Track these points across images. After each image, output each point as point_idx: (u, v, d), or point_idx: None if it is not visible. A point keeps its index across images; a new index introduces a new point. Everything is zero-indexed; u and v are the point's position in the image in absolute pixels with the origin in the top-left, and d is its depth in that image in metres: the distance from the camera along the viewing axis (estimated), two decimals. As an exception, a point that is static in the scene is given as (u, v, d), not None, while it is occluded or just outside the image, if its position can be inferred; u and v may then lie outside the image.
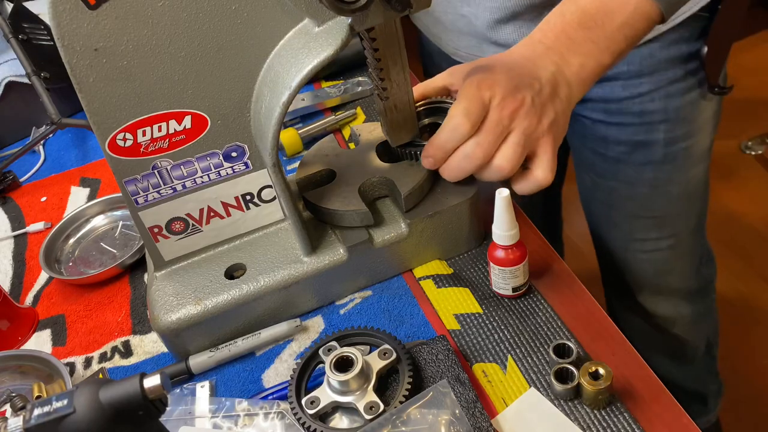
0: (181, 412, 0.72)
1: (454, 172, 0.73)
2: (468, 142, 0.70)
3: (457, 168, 0.72)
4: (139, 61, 0.65)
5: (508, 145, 0.70)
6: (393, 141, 0.80)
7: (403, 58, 0.72)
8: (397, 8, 0.62)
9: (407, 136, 0.80)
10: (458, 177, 0.74)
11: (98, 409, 0.50)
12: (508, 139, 0.70)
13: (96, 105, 0.66)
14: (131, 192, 0.73)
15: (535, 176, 0.72)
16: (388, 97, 0.75)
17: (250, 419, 0.71)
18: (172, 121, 0.69)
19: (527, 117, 0.70)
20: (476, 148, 0.70)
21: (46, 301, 0.93)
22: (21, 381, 0.80)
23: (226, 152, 0.73)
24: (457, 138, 0.70)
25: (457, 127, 0.69)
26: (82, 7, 0.61)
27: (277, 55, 0.67)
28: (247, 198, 0.78)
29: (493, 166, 0.71)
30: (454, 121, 0.69)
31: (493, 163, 0.71)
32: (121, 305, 0.89)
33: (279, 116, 0.66)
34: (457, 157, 0.72)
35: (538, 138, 0.71)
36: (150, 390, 0.51)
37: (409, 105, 0.77)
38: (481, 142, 0.69)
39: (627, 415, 0.65)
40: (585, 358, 0.70)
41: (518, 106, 0.69)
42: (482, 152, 0.70)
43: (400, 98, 0.76)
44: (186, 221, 0.77)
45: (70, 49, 0.63)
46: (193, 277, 0.79)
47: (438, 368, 0.70)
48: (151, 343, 0.83)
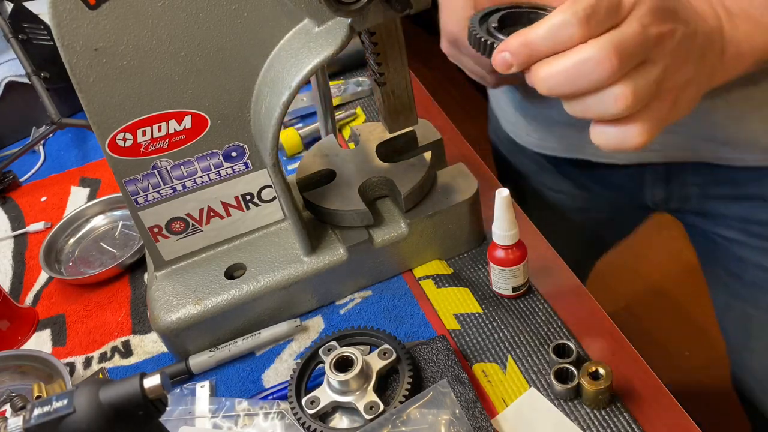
0: (181, 412, 0.72)
1: (548, 82, 0.49)
2: (586, 46, 0.47)
3: (556, 77, 0.49)
4: (139, 60, 0.65)
5: (643, 74, 0.49)
6: (390, 128, 0.80)
7: (403, 54, 0.72)
8: (397, 8, 0.62)
9: (405, 123, 0.80)
10: (552, 90, 0.50)
11: (98, 409, 0.50)
12: (645, 66, 0.49)
13: (96, 105, 0.66)
14: (131, 192, 0.73)
15: (630, 131, 0.51)
16: (386, 82, 0.75)
17: (250, 419, 0.71)
18: (172, 121, 0.69)
19: (674, 55, 0.50)
20: (600, 56, 0.47)
21: (46, 301, 0.93)
22: (21, 381, 0.80)
23: (226, 152, 0.73)
24: (558, 38, 0.48)
25: (562, 24, 0.47)
26: (82, 7, 0.61)
27: (277, 55, 0.67)
28: (247, 198, 0.78)
29: (610, 93, 0.48)
30: (559, 17, 0.47)
31: (613, 90, 0.48)
32: (121, 305, 0.89)
33: (279, 116, 0.66)
34: (563, 62, 0.48)
35: (669, 91, 0.51)
36: (150, 390, 0.51)
37: (407, 90, 0.77)
38: (608, 52, 0.47)
39: (627, 415, 0.65)
40: (585, 358, 0.70)
41: (668, 32, 0.50)
42: (608, 67, 0.47)
43: (398, 83, 0.76)
44: (186, 221, 0.77)
45: (70, 49, 0.63)
46: (193, 277, 0.79)
47: (438, 368, 0.70)
48: (151, 343, 0.83)
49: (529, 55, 0.49)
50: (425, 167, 0.80)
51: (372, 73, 0.75)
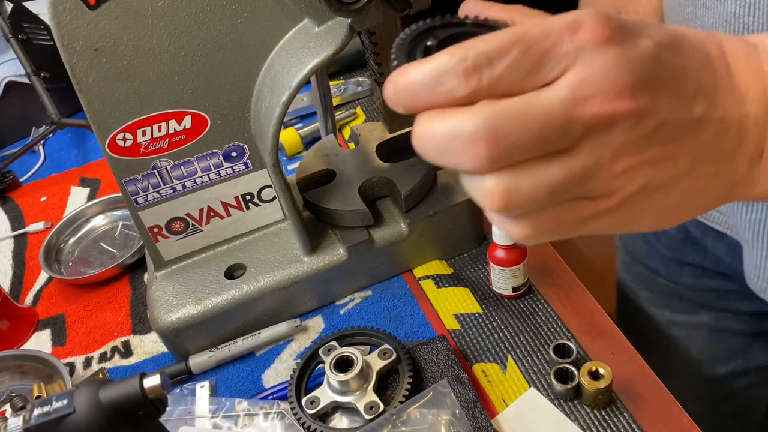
0: (181, 412, 0.72)
1: (418, 143, 0.34)
2: (460, 114, 0.32)
3: (425, 142, 0.33)
4: (139, 60, 0.65)
5: (541, 172, 0.33)
6: (390, 128, 0.80)
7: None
8: (397, 8, 0.62)
9: (405, 123, 0.80)
10: (424, 155, 0.34)
11: (98, 409, 0.50)
12: (554, 159, 0.33)
13: (96, 105, 0.66)
14: (131, 192, 0.73)
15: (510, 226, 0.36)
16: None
17: (250, 419, 0.71)
18: (172, 121, 0.69)
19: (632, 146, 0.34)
20: (470, 136, 0.32)
21: (45, 301, 0.93)
22: (21, 381, 0.80)
23: (226, 152, 0.73)
24: (438, 89, 0.32)
25: (443, 72, 0.32)
26: (82, 7, 0.61)
27: (277, 55, 0.67)
28: (247, 198, 0.78)
29: (480, 183, 0.34)
30: (443, 59, 0.32)
31: (484, 182, 0.33)
32: (121, 305, 0.89)
33: (279, 116, 0.66)
34: (433, 126, 0.33)
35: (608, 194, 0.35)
36: (150, 390, 0.51)
37: None
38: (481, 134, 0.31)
39: (627, 415, 0.65)
40: (585, 358, 0.70)
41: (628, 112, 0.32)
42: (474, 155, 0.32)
43: None
44: (186, 221, 0.77)
45: (70, 49, 0.63)
46: (193, 277, 0.79)
47: (438, 368, 0.70)
48: (150, 343, 0.83)
49: (410, 102, 0.34)
50: (425, 167, 0.80)
51: (372, 72, 0.75)
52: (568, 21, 0.32)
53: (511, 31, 0.32)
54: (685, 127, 0.35)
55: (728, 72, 0.37)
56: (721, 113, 0.36)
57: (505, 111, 0.31)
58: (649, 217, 0.37)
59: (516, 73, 0.31)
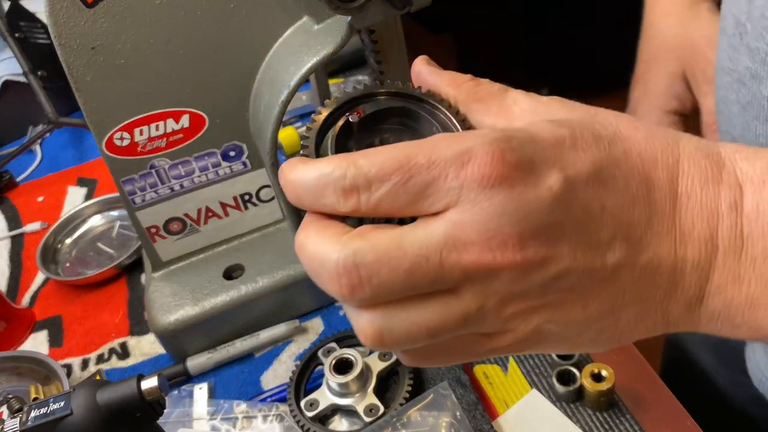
0: (179, 414, 0.72)
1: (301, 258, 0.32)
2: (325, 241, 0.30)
3: (302, 257, 0.32)
4: (136, 59, 0.64)
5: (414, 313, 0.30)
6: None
7: (403, 52, 0.72)
8: (397, 6, 0.61)
9: None
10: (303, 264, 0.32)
11: (95, 411, 0.49)
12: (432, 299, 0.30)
13: (93, 104, 0.66)
14: (128, 192, 0.72)
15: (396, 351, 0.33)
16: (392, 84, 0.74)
17: (249, 421, 0.70)
18: (170, 120, 0.69)
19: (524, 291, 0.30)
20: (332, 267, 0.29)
21: (42, 301, 0.92)
22: (18, 382, 0.80)
23: (225, 151, 0.73)
24: (320, 199, 0.31)
25: (324, 183, 0.30)
26: (80, 6, 0.60)
27: (276, 53, 0.67)
28: (245, 198, 0.77)
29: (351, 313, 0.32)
30: (325, 168, 0.30)
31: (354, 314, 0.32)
32: (119, 306, 0.89)
33: (278, 115, 0.66)
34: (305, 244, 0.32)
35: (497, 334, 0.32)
36: (147, 392, 0.50)
37: None
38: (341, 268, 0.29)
39: (629, 417, 0.64)
40: (587, 360, 0.70)
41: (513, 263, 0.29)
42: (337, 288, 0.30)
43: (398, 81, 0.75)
44: (184, 221, 0.77)
45: (67, 48, 0.62)
46: (191, 278, 0.78)
47: (438, 370, 0.69)
48: (148, 345, 0.83)
49: (296, 202, 0.32)
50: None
51: (372, 71, 0.75)
52: (458, 151, 0.29)
53: (395, 154, 0.29)
54: (594, 273, 0.30)
55: (672, 207, 0.31)
56: (649, 257, 0.31)
57: (373, 249, 0.29)
58: (564, 346, 0.34)
59: (395, 201, 0.29)
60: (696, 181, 0.32)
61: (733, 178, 0.32)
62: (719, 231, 0.31)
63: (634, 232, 0.31)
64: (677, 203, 0.31)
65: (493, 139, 0.29)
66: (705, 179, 0.32)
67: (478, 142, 0.29)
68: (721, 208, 0.31)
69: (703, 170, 0.32)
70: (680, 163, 0.32)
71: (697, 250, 0.31)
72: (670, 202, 0.31)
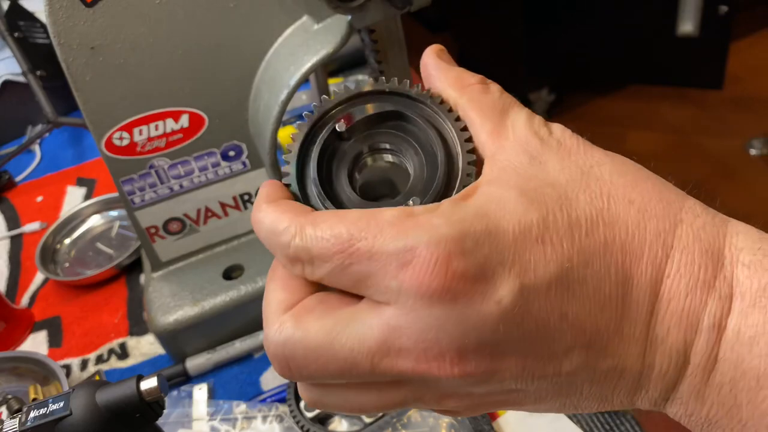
0: (178, 415, 0.72)
1: None
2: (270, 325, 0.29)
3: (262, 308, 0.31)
4: (135, 59, 0.64)
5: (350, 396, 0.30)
6: None
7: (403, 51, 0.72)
8: (397, 5, 0.61)
9: None
10: None
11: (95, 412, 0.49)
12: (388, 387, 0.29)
13: (92, 103, 0.66)
14: (128, 192, 0.72)
15: None
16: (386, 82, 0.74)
17: (248, 422, 0.70)
18: (169, 119, 0.69)
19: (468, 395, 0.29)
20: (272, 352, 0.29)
21: (42, 302, 0.92)
22: (17, 383, 0.80)
23: (224, 151, 0.73)
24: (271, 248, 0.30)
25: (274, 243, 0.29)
26: (79, 5, 0.60)
27: (276, 53, 0.67)
28: (245, 198, 0.77)
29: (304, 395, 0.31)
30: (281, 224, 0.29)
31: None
32: (118, 307, 0.89)
33: (277, 115, 0.65)
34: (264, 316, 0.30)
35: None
36: (147, 392, 0.50)
37: None
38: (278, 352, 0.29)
39: (629, 417, 0.64)
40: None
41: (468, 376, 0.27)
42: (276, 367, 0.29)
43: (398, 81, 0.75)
44: (183, 221, 0.76)
45: (66, 48, 0.62)
46: (191, 278, 0.78)
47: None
48: (147, 345, 0.83)
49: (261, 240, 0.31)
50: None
51: (372, 71, 0.75)
52: (401, 248, 0.26)
53: (340, 232, 0.27)
54: (546, 379, 0.28)
55: (649, 312, 0.28)
56: (613, 364, 0.28)
57: (303, 343, 0.27)
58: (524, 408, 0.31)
59: (338, 281, 0.28)
60: (683, 284, 0.28)
61: (726, 289, 0.28)
62: (694, 346, 0.28)
63: (598, 339, 0.27)
64: (656, 307, 0.28)
65: (441, 239, 0.26)
66: (694, 283, 0.28)
67: (425, 240, 0.26)
68: (702, 324, 0.27)
69: (695, 272, 0.28)
70: (671, 258, 0.28)
71: (667, 359, 0.28)
72: (648, 305, 0.28)
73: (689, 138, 2.40)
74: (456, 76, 0.34)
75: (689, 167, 2.30)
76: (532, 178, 0.29)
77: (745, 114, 2.42)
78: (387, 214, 0.28)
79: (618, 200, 0.28)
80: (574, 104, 2.56)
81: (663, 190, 0.29)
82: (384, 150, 0.35)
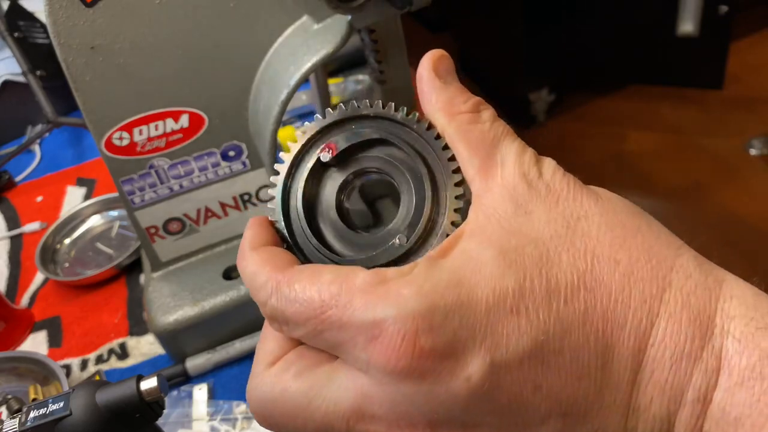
0: (178, 415, 0.72)
1: None
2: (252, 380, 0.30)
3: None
4: (135, 59, 0.64)
5: None
6: None
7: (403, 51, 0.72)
8: (397, 5, 0.61)
9: None
10: None
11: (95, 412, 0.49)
12: None
13: (92, 103, 0.66)
14: (128, 192, 0.72)
15: None
16: (386, 80, 0.74)
17: (248, 422, 0.70)
18: (169, 119, 0.69)
19: None
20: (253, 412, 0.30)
21: (42, 302, 0.92)
22: (17, 383, 0.80)
23: (224, 151, 0.73)
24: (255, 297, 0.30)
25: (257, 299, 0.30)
26: (79, 5, 0.60)
27: (276, 53, 0.67)
28: (245, 198, 0.77)
29: None
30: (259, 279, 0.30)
31: None
32: (118, 307, 0.89)
33: (277, 115, 0.65)
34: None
35: None
36: (147, 392, 0.50)
37: (408, 88, 0.76)
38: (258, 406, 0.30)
39: None
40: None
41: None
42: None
43: (399, 82, 0.75)
44: (183, 221, 0.76)
45: (66, 48, 0.62)
46: (191, 278, 0.78)
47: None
48: (147, 345, 0.83)
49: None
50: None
51: (372, 71, 0.75)
52: (369, 321, 0.26)
53: (312, 296, 0.27)
54: None
55: (631, 382, 0.26)
56: (593, 429, 0.27)
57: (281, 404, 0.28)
58: None
59: (314, 343, 0.28)
60: (668, 354, 0.26)
61: (713, 362, 0.26)
62: (678, 417, 0.26)
63: (576, 408, 0.26)
64: (638, 377, 0.26)
65: (409, 314, 0.25)
66: (680, 353, 0.26)
67: (393, 314, 0.25)
68: (686, 396, 0.26)
69: (680, 342, 0.26)
70: (656, 327, 0.26)
71: (650, 425, 0.27)
72: (630, 374, 0.26)
73: (689, 138, 2.40)
74: (447, 99, 0.32)
75: (689, 167, 2.30)
76: (515, 234, 0.27)
77: (745, 114, 2.42)
78: (359, 280, 0.27)
79: (603, 260, 0.27)
80: (574, 104, 2.56)
81: (654, 246, 0.27)
82: (372, 174, 0.34)
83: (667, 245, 0.28)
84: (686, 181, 2.25)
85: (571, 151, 2.39)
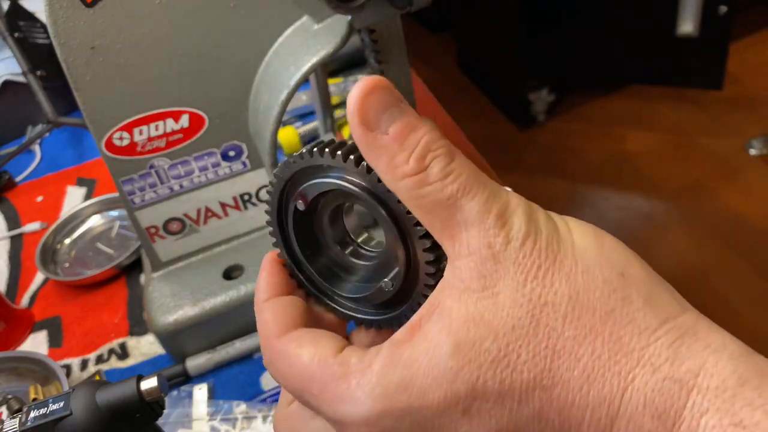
0: (178, 415, 0.72)
1: None
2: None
3: None
4: (135, 59, 0.64)
5: None
6: None
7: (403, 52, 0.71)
8: (397, 5, 0.61)
9: None
10: None
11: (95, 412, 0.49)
12: None
13: (92, 103, 0.66)
14: (128, 192, 0.72)
15: None
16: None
17: (249, 422, 0.70)
18: (169, 119, 0.69)
19: None
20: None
21: (42, 302, 0.92)
22: (17, 383, 0.80)
23: (224, 151, 0.73)
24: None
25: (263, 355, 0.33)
26: (79, 5, 0.60)
27: (276, 53, 0.67)
28: (245, 198, 0.77)
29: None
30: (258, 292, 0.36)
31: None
32: (118, 306, 0.89)
33: (277, 115, 0.65)
34: None
35: None
36: (147, 392, 0.50)
37: (408, 89, 0.76)
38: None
39: None
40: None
41: None
42: None
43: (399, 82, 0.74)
44: (183, 221, 0.76)
45: (66, 48, 0.62)
46: (191, 278, 0.78)
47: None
48: (147, 345, 0.83)
49: None
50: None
51: (372, 71, 0.75)
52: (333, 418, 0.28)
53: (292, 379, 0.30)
54: None
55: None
56: None
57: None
58: None
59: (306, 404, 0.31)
60: None
61: None
62: None
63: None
64: None
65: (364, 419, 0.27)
66: None
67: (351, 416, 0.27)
68: None
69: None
70: (616, 426, 0.25)
71: None
72: None
73: (689, 138, 2.40)
74: (387, 161, 0.28)
75: (689, 167, 2.29)
76: (477, 322, 0.26)
77: (744, 114, 2.42)
78: (329, 370, 0.28)
79: (564, 356, 0.25)
80: (574, 104, 2.56)
81: (623, 336, 0.26)
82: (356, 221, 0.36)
83: (640, 332, 0.26)
84: (686, 181, 2.25)
85: (571, 151, 2.39)
